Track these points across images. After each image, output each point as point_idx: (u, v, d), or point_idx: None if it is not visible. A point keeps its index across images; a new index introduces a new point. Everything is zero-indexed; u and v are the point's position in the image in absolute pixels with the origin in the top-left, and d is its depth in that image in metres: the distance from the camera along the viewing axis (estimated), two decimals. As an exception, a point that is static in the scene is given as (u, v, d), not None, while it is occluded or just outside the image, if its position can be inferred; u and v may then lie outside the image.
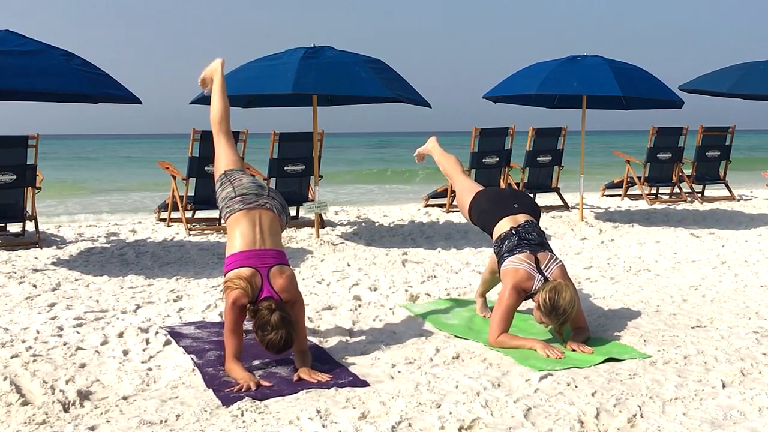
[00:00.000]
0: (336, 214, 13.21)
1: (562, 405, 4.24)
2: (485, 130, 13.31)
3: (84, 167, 37.17)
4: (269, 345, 4.65)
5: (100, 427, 3.98)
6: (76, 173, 31.76)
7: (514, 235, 5.60)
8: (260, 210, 5.15)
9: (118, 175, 31.63)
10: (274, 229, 5.15)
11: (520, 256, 5.45)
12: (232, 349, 4.77)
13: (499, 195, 6.09)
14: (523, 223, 5.69)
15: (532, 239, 5.57)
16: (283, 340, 4.63)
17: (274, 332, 4.62)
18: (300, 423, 3.99)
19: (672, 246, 9.80)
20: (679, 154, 14.93)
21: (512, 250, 5.51)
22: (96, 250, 9.57)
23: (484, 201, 5.97)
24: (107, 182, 26.92)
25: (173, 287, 7.47)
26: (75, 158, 45.87)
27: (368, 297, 6.98)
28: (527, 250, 5.49)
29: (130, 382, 4.69)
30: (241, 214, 5.10)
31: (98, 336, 5.62)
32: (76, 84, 7.89)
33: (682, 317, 6.18)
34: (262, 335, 4.66)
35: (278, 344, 4.63)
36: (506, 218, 5.73)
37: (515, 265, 5.43)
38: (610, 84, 10.89)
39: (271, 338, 4.63)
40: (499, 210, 5.81)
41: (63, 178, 26.91)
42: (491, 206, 5.89)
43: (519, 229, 5.63)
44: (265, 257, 4.93)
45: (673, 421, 4.03)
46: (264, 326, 4.65)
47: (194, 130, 10.97)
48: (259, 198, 5.22)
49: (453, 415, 4.08)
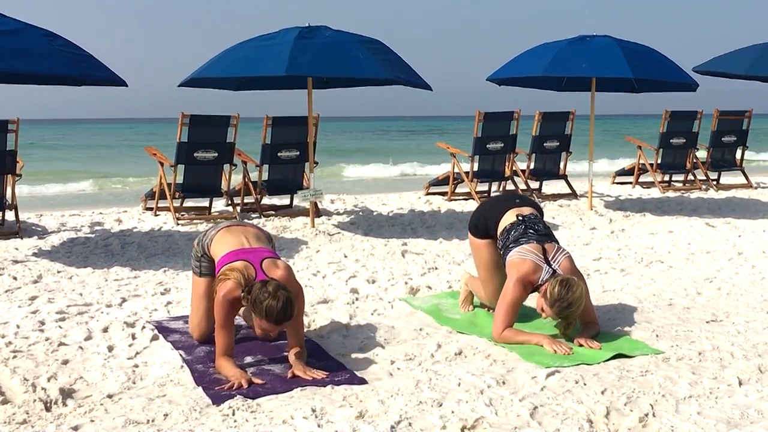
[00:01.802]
0: (332, 203, 13.20)
1: (570, 403, 4.24)
2: (489, 114, 13.28)
3: (66, 153, 37.10)
4: (268, 311, 4.54)
5: (84, 427, 3.97)
6: (58, 159, 31.71)
7: (521, 224, 5.62)
8: (239, 226, 5.31)
9: (102, 161, 31.59)
10: (260, 238, 5.25)
11: (527, 247, 5.46)
12: (222, 345, 4.75)
13: (501, 196, 6.17)
14: (529, 214, 5.74)
15: (539, 230, 5.60)
16: (284, 304, 4.56)
17: (272, 297, 4.56)
18: (294, 422, 3.98)
19: (686, 236, 9.79)
20: (694, 139, 14.91)
21: (518, 240, 5.52)
22: (79, 240, 9.56)
23: (486, 203, 6.14)
24: (91, 169, 26.86)
25: (161, 279, 7.46)
26: (56, 144, 45.79)
27: (366, 290, 6.98)
28: (534, 240, 5.51)
29: (115, 379, 4.68)
30: (222, 232, 5.23)
31: (82, 331, 5.62)
32: (59, 65, 7.85)
33: (696, 311, 6.18)
34: (259, 305, 4.57)
35: (278, 309, 4.54)
36: (512, 210, 5.78)
37: (521, 256, 5.43)
38: (621, 65, 10.86)
39: (270, 303, 4.55)
40: (503, 205, 5.89)
41: (44, 164, 26.87)
42: (494, 204, 6.01)
43: (525, 218, 5.66)
44: (257, 252, 4.98)
45: (687, 421, 4.02)
46: (261, 295, 4.58)
47: (183, 114, 10.94)
48: (231, 221, 5.47)
49: (455, 415, 4.07)
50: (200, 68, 10.04)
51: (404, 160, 28.97)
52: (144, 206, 12.21)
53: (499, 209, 5.85)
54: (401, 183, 20.94)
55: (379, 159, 29.59)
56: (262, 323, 4.64)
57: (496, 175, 13.63)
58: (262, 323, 4.64)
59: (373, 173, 25.32)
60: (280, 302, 4.56)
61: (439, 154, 23.44)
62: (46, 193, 18.70)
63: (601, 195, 14.15)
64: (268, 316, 4.58)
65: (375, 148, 41.78)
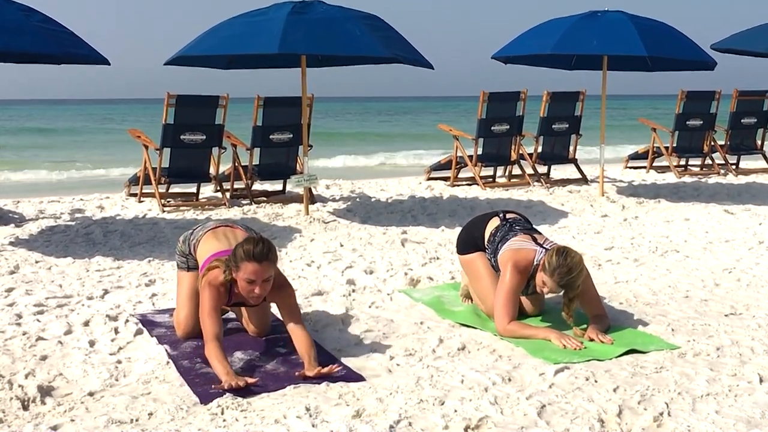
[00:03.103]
0: (327, 189, 13.19)
1: (580, 402, 4.24)
2: (494, 94, 13.27)
3: (45, 135, 37.08)
4: (246, 251, 4.68)
5: (64, 427, 3.97)
6: (35, 142, 31.68)
7: (506, 224, 5.81)
8: (226, 228, 5.41)
9: (83, 144, 31.56)
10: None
11: (516, 238, 5.62)
12: (211, 330, 4.70)
13: (484, 213, 6.29)
14: (514, 216, 5.95)
15: (526, 226, 5.83)
16: (260, 241, 4.74)
17: (246, 242, 4.75)
18: (287, 422, 3.97)
19: (703, 224, 9.79)
20: (711, 121, 14.89)
21: (505, 237, 5.69)
22: (59, 228, 9.54)
23: (468, 222, 6.29)
24: (72, 152, 26.84)
25: (145, 270, 7.45)
26: (34, 126, 45.78)
27: (363, 281, 6.97)
28: (521, 232, 5.70)
29: (96, 376, 4.67)
30: (208, 235, 5.32)
31: (61, 325, 5.61)
32: (37, 43, 7.83)
33: (714, 304, 6.17)
34: (238, 254, 4.70)
35: (255, 246, 4.68)
36: (495, 218, 5.96)
37: (512, 247, 5.56)
38: (634, 43, 10.83)
39: (246, 246, 4.71)
40: (486, 216, 6.07)
41: (20, 148, 26.85)
42: (477, 218, 6.19)
43: (510, 219, 5.87)
44: None
45: (705, 420, 4.02)
46: (236, 249, 4.75)
47: (168, 94, 10.92)
48: (219, 221, 5.54)
49: (458, 414, 4.07)
50: (187, 46, 10.01)
51: (404, 142, 28.96)
52: (128, 192, 12.19)
53: (482, 221, 6.02)
54: (400, 168, 20.94)
55: (378, 142, 29.57)
56: (245, 269, 4.69)
57: (501, 159, 13.62)
58: (245, 269, 4.69)
59: (372, 157, 25.30)
60: (256, 242, 4.73)
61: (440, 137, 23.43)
62: (23, 178, 18.69)
63: (613, 180, 14.14)
64: (246, 256, 4.67)
65: (373, 130, 41.76)
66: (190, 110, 11.12)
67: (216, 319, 4.77)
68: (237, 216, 10.30)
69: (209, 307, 4.78)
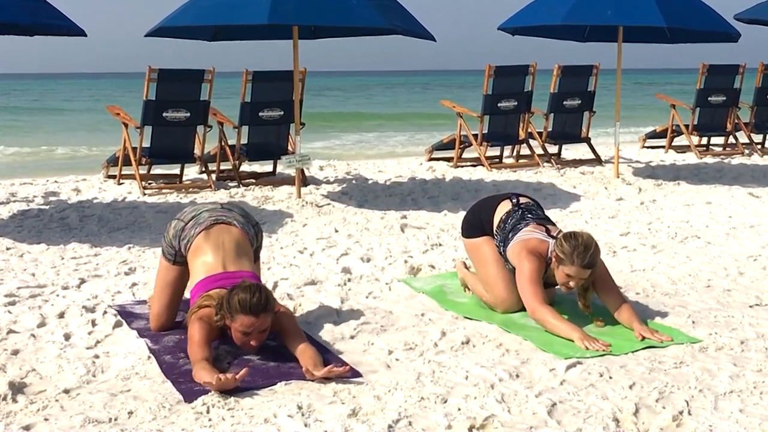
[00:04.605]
0: (321, 170, 13.18)
1: (593, 400, 4.24)
2: (501, 68, 13.23)
3: (15, 113, 37.03)
4: (242, 303, 4.62)
5: (36, 427, 3.96)
6: (5, 119, 31.63)
7: (517, 210, 5.78)
8: (220, 227, 5.28)
9: (58, 122, 31.53)
10: (242, 249, 5.26)
11: (527, 229, 5.61)
12: (200, 355, 4.61)
13: (493, 195, 6.31)
14: (525, 202, 5.90)
15: (538, 214, 5.80)
16: (257, 292, 4.66)
17: (242, 291, 4.66)
18: (277, 421, 3.97)
19: (726, 208, 9.79)
20: (735, 97, 14.87)
21: (516, 227, 5.67)
22: (31, 212, 9.53)
23: (476, 204, 6.28)
24: (45, 130, 26.81)
25: (125, 257, 7.44)
26: (3, 103, 45.70)
27: (360, 269, 6.97)
28: (533, 222, 5.67)
29: (72, 372, 4.67)
30: (201, 239, 5.22)
31: (34, 316, 5.60)
32: (8, 11, 7.80)
33: (738, 294, 6.18)
34: (232, 303, 4.64)
35: (252, 298, 4.62)
36: (505, 201, 5.93)
37: (521, 238, 5.57)
38: (652, 12, 10.80)
39: (241, 296, 4.64)
40: (495, 199, 6.05)
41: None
42: (486, 201, 6.17)
43: (522, 205, 5.83)
44: (236, 277, 5.00)
45: (728, 419, 4.02)
46: (230, 296, 4.68)
47: (150, 68, 10.89)
48: (213, 213, 5.36)
49: (462, 412, 4.07)
50: (170, 16, 9.98)
51: (404, 119, 28.94)
52: (106, 174, 12.17)
53: (492, 203, 6.01)
54: (400, 147, 20.93)
55: (375, 119, 29.55)
56: (241, 322, 4.66)
57: (508, 137, 13.60)
58: (241, 322, 4.66)
59: (368, 136, 25.28)
60: (252, 291, 4.65)
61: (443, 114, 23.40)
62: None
63: (629, 161, 14.14)
64: (242, 308, 4.62)
65: (370, 106, 41.73)
66: (173, 85, 11.09)
67: (206, 349, 4.67)
68: (224, 200, 10.28)
69: (199, 338, 4.69)
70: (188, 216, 5.37)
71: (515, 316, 5.61)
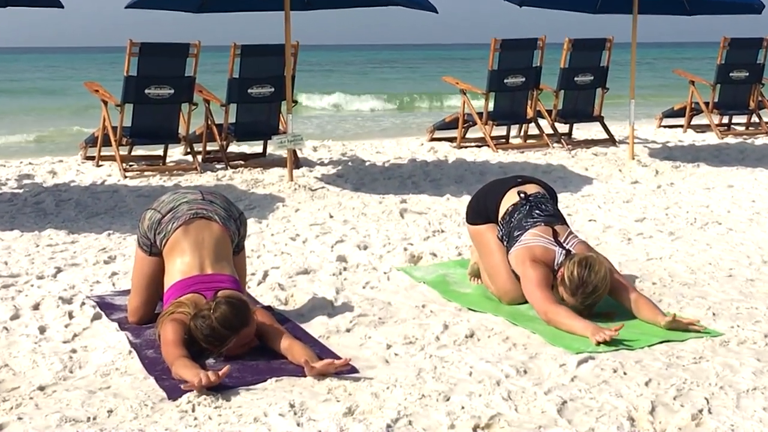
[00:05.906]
0: (315, 151, 13.17)
1: (606, 397, 4.23)
2: (508, 41, 13.21)
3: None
4: (208, 340, 4.63)
5: (9, 426, 3.96)
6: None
7: (525, 203, 5.73)
8: (200, 223, 5.26)
9: (33, 99, 31.49)
10: (221, 247, 5.24)
11: (533, 231, 5.57)
12: (176, 354, 4.58)
13: (500, 178, 6.32)
14: (535, 193, 5.84)
15: (547, 210, 5.73)
16: (237, 309, 4.65)
17: (221, 307, 4.63)
18: (268, 420, 3.97)
19: (749, 192, 9.79)
20: (759, 72, 14.87)
21: (522, 225, 5.62)
22: (4, 196, 9.53)
23: (483, 187, 6.26)
24: (18, 108, 26.78)
25: (104, 245, 7.44)
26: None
27: (356, 258, 6.97)
28: (541, 222, 5.62)
29: (48, 367, 4.66)
30: (179, 234, 5.19)
31: (7, 308, 5.60)
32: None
33: (761, 284, 6.18)
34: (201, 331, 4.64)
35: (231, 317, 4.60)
36: (513, 189, 5.89)
37: (526, 244, 5.52)
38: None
39: (206, 333, 4.62)
40: (503, 185, 6.01)
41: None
42: (493, 185, 6.15)
43: (530, 197, 5.77)
44: (212, 282, 5.00)
45: (751, 418, 4.01)
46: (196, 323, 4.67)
47: (131, 42, 10.87)
48: (193, 205, 5.33)
49: (465, 411, 4.07)
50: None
51: (404, 97, 28.90)
52: (84, 155, 12.16)
53: (499, 190, 5.98)
54: (400, 127, 20.90)
55: (374, 96, 29.50)
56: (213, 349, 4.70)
57: (515, 116, 13.60)
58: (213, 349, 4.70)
59: (366, 114, 25.25)
60: (234, 309, 4.65)
61: (445, 91, 23.40)
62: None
63: (645, 141, 14.14)
64: (210, 343, 4.66)
65: (368, 83, 41.70)
66: (156, 60, 11.07)
67: (182, 348, 4.64)
68: (210, 183, 10.28)
69: (174, 338, 4.67)
70: (165, 207, 5.33)
71: (523, 308, 5.59)
